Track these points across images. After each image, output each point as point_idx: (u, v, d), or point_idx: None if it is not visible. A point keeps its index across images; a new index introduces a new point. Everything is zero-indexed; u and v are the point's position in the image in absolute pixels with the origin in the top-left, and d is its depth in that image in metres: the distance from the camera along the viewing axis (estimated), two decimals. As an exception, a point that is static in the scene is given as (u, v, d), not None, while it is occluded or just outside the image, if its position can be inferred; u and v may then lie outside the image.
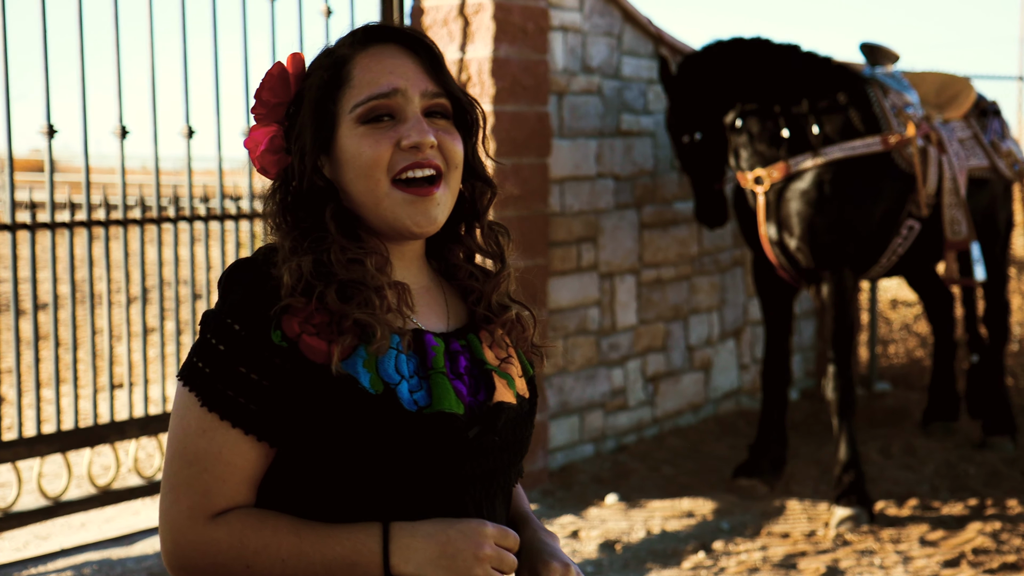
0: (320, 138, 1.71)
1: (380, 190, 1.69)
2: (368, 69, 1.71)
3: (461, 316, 1.81)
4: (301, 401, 1.62)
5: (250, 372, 1.62)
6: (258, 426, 1.63)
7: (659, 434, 7.09)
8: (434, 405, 1.65)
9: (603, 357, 6.63)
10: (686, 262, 7.16)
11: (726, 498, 6.05)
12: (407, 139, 1.68)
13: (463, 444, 1.67)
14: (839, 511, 5.62)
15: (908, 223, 5.82)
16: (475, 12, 5.83)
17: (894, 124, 5.79)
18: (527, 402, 1.81)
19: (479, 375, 1.74)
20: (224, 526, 1.63)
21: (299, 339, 1.63)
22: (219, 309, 1.67)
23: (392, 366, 1.65)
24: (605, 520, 5.75)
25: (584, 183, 6.42)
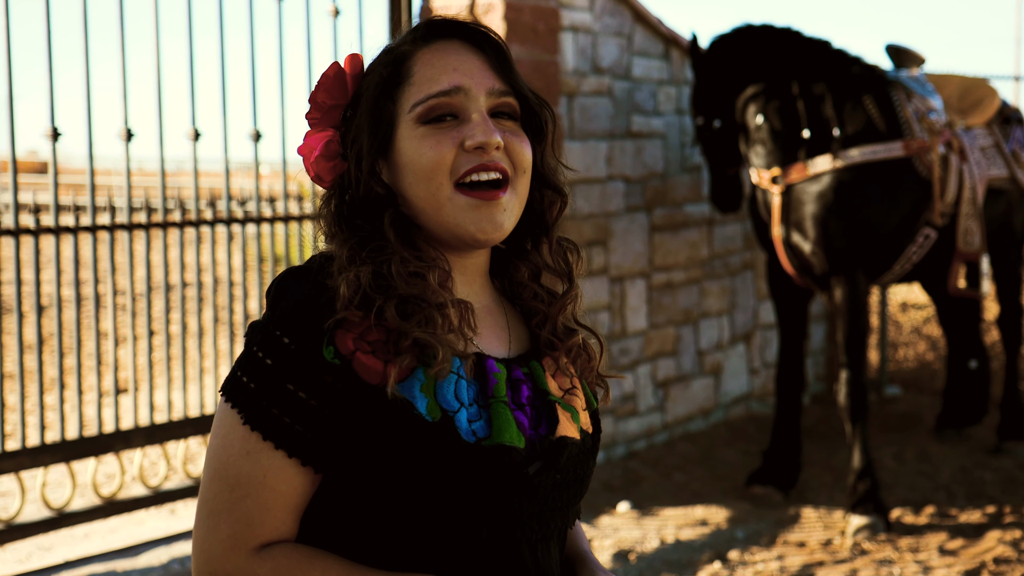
0: (378, 140, 1.59)
1: (442, 194, 1.56)
2: (430, 66, 1.59)
3: (523, 341, 1.68)
4: (351, 425, 1.49)
5: (298, 390, 1.49)
6: (305, 449, 1.50)
7: (670, 440, 7.00)
8: (494, 437, 1.53)
9: (613, 362, 6.54)
10: (696, 265, 7.07)
11: (740, 506, 5.96)
12: (471, 139, 1.56)
13: (522, 481, 1.54)
14: (855, 520, 5.53)
15: (925, 231, 5.72)
16: (485, 12, 5.73)
17: (916, 129, 5.69)
18: (590, 437, 1.67)
19: (541, 406, 1.61)
20: (268, 561, 1.50)
21: (353, 357, 1.50)
22: (268, 320, 1.54)
23: (452, 392, 1.52)
24: (618, 529, 5.66)
25: (595, 185, 6.32)
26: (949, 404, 7.08)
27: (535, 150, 1.64)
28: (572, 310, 1.70)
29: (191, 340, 8.34)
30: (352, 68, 1.64)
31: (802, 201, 5.62)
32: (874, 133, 5.64)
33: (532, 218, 1.68)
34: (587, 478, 1.66)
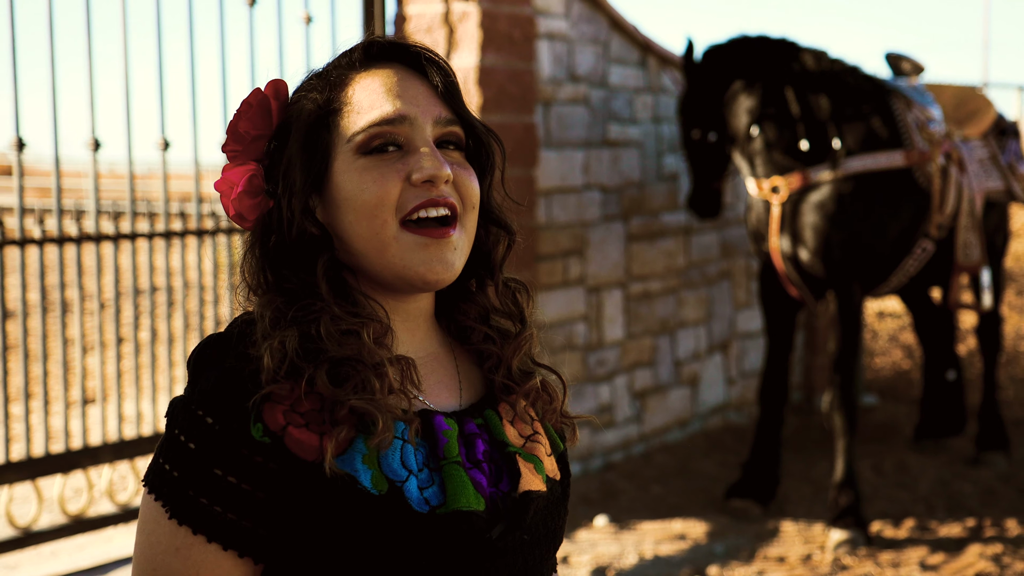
0: (312, 174, 1.43)
1: (387, 233, 1.41)
2: (370, 91, 1.44)
3: (476, 387, 1.53)
4: (290, 507, 1.36)
5: (227, 475, 1.34)
6: (240, 540, 1.35)
7: (646, 451, 6.92)
8: (449, 503, 1.39)
9: (590, 373, 6.46)
10: (673, 275, 7.00)
11: (719, 519, 5.88)
12: (420, 172, 1.41)
13: (485, 547, 1.40)
14: (835, 534, 5.47)
15: (922, 243, 5.66)
16: (460, 20, 5.64)
17: (916, 140, 5.63)
18: (559, 485, 1.54)
19: (501, 459, 1.47)
20: None
21: (285, 433, 1.36)
22: (188, 398, 1.39)
23: (398, 460, 1.38)
24: (595, 544, 5.58)
25: (571, 195, 6.24)
26: (927, 414, 7.04)
27: (482, 183, 1.52)
28: (527, 351, 1.55)
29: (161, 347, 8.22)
30: (277, 96, 1.48)
31: (801, 211, 5.54)
32: (874, 143, 5.58)
33: (477, 257, 1.55)
34: (560, 529, 1.53)
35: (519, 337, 1.54)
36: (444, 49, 5.68)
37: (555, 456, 1.55)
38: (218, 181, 1.48)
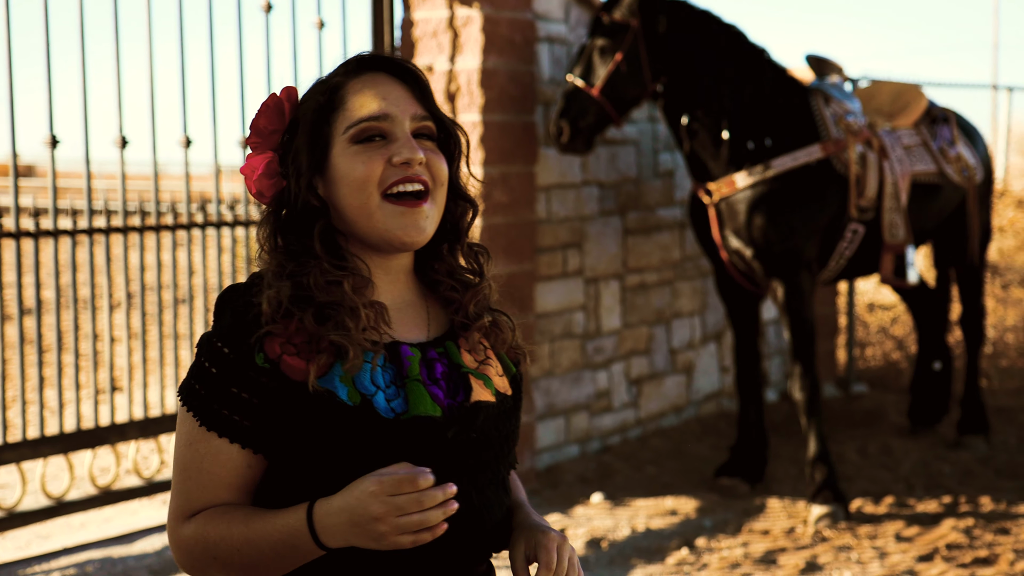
0: (315, 158, 1.84)
1: (372, 203, 1.81)
2: (361, 94, 1.84)
3: (443, 326, 1.92)
4: (287, 415, 1.76)
5: (240, 391, 1.77)
6: (248, 438, 1.78)
7: (643, 435, 7.26)
8: (410, 411, 1.78)
9: (588, 360, 6.80)
10: (669, 267, 7.34)
11: (708, 497, 6.22)
12: (398, 156, 1.81)
13: (443, 444, 1.79)
14: (816, 509, 5.81)
15: (852, 227, 6.03)
16: (464, 24, 6.00)
17: (833, 131, 6.00)
18: (509, 399, 1.92)
19: (457, 378, 1.86)
20: (191, 523, 1.79)
21: (280, 360, 1.76)
22: (211, 333, 1.82)
23: (368, 379, 1.77)
24: (591, 518, 5.92)
25: (570, 190, 6.59)
26: (917, 401, 7.37)
27: (450, 166, 1.91)
28: (484, 299, 1.94)
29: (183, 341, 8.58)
30: (288, 98, 1.89)
31: (736, 211, 5.89)
32: (794, 140, 5.93)
33: (448, 226, 1.94)
34: (512, 433, 1.91)
35: (478, 286, 1.94)
36: (448, 52, 6.04)
37: (507, 377, 1.94)
38: (243, 166, 1.89)
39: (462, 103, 6.02)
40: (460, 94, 6.02)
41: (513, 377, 1.96)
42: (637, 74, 5.84)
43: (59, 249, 5.17)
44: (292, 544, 1.72)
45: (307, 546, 1.72)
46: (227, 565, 1.76)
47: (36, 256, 4.99)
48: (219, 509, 1.79)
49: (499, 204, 6.07)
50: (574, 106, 5.83)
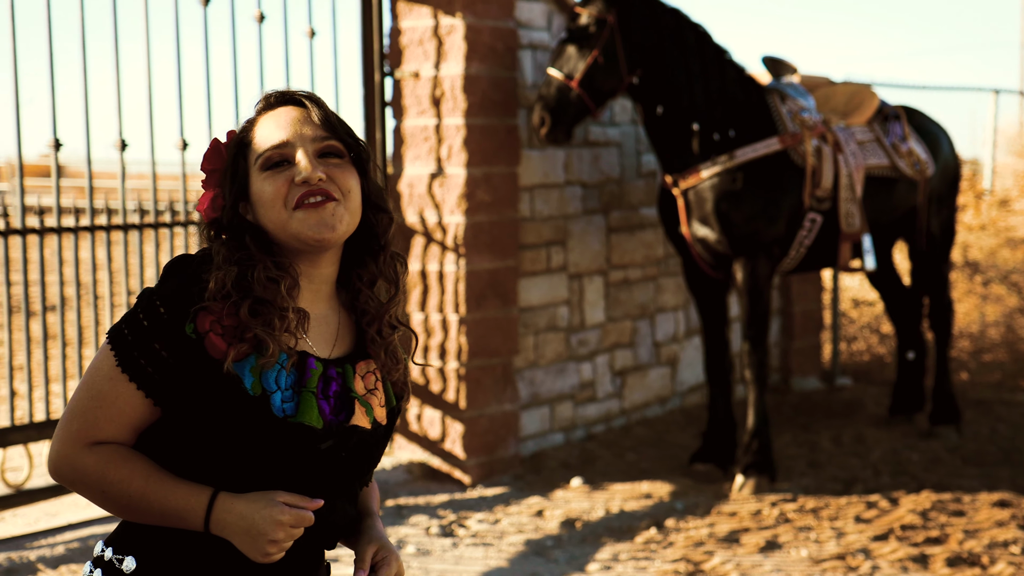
0: (236, 186, 2.11)
1: (284, 216, 2.06)
2: (266, 127, 2.11)
3: (348, 345, 2.16)
4: (194, 381, 2.01)
5: (161, 350, 2.01)
6: (151, 387, 2.02)
7: (627, 424, 7.58)
8: (298, 417, 2.04)
9: (572, 352, 7.13)
10: (652, 264, 7.65)
11: (683, 482, 6.53)
12: (298, 176, 2.06)
13: (315, 453, 2.06)
14: (739, 479, 6.32)
15: (810, 216, 6.44)
16: (448, 33, 6.33)
17: (789, 126, 6.43)
18: (383, 428, 2.17)
19: (345, 400, 2.11)
20: (95, 454, 2.04)
21: (206, 335, 2.01)
22: (153, 291, 2.05)
23: (273, 378, 2.02)
24: (569, 501, 6.24)
25: (553, 190, 6.92)
26: (897, 393, 7.67)
27: (363, 179, 2.16)
28: (395, 311, 2.21)
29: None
30: (226, 141, 2.17)
31: (703, 198, 6.34)
32: (754, 133, 6.38)
33: (369, 236, 2.17)
34: (375, 458, 2.20)
35: (392, 299, 2.21)
36: (434, 59, 6.38)
37: (387, 409, 2.21)
38: (198, 204, 2.18)
39: (446, 107, 6.36)
40: (444, 99, 6.36)
41: (392, 409, 2.20)
42: (614, 67, 6.20)
43: (62, 246, 5.53)
44: (180, 516, 2.02)
45: (194, 523, 2.02)
46: (109, 500, 2.05)
47: (41, 252, 5.35)
48: (122, 452, 2.04)
49: (482, 203, 6.41)
50: (554, 98, 6.17)
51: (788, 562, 5.40)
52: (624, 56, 6.18)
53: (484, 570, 5.32)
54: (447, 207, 6.41)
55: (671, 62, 6.26)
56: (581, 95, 6.17)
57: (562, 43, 6.27)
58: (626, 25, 6.19)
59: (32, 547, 5.27)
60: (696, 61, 6.31)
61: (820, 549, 5.54)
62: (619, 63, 6.19)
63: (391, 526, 5.81)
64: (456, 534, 5.77)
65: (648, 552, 5.55)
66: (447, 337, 6.46)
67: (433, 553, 5.50)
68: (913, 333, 7.64)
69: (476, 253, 6.42)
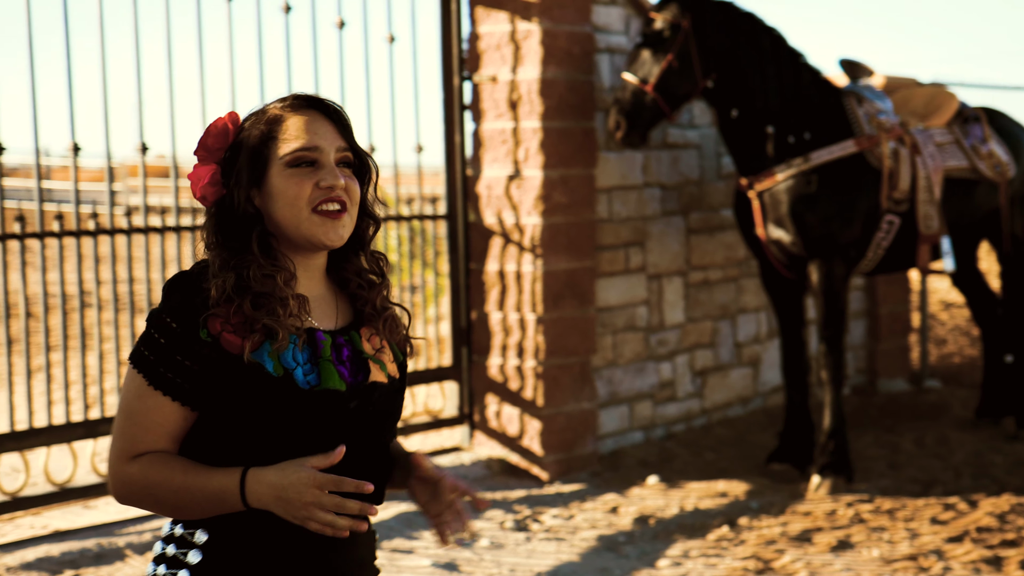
0: (255, 175, 2.26)
1: (302, 216, 2.23)
2: (297, 127, 2.26)
3: (348, 317, 2.34)
4: (222, 380, 2.17)
5: (184, 359, 2.17)
6: (186, 397, 2.19)
7: (707, 424, 7.63)
8: (322, 384, 2.20)
9: (651, 352, 7.19)
10: (733, 265, 7.69)
11: (760, 481, 6.57)
12: (324, 181, 2.23)
13: (346, 413, 2.23)
14: (816, 478, 6.31)
15: (888, 218, 6.44)
16: (524, 38, 6.45)
17: (866, 128, 6.45)
18: (397, 381, 2.34)
19: (359, 362, 2.28)
20: (136, 464, 2.20)
21: (220, 335, 2.17)
22: (161, 310, 2.21)
23: (290, 356, 2.19)
24: (644, 498, 6.32)
25: (631, 192, 7.00)
26: (985, 395, 7.60)
27: (362, 188, 2.34)
28: (384, 295, 2.38)
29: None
30: (233, 122, 2.32)
31: (778, 200, 6.37)
32: (830, 135, 6.41)
33: (356, 236, 2.35)
34: (397, 408, 2.36)
35: (380, 284, 2.38)
36: (511, 63, 6.50)
37: (397, 363, 2.37)
38: (190, 173, 2.32)
39: (523, 111, 6.48)
40: (521, 102, 6.48)
41: (401, 363, 2.37)
42: (688, 71, 6.27)
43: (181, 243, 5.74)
44: (221, 498, 2.16)
45: (233, 502, 2.16)
46: (159, 502, 2.21)
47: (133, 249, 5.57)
48: (161, 456, 2.19)
49: (559, 204, 6.51)
50: (629, 102, 6.27)
51: (859, 562, 5.42)
52: (699, 60, 6.25)
53: (555, 564, 5.42)
54: (524, 208, 6.53)
55: (746, 66, 6.33)
56: (656, 99, 6.25)
57: (637, 48, 6.35)
58: (701, 29, 6.26)
59: (121, 534, 5.48)
60: (771, 64, 6.36)
61: (892, 549, 5.54)
62: (694, 67, 6.26)
63: (466, 520, 5.92)
64: (530, 528, 5.88)
65: (719, 549, 5.60)
66: (524, 336, 6.57)
67: (506, 547, 5.61)
68: (1005, 336, 7.56)
69: (553, 254, 6.52)
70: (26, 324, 5.69)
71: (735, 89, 6.36)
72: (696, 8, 6.25)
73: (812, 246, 6.34)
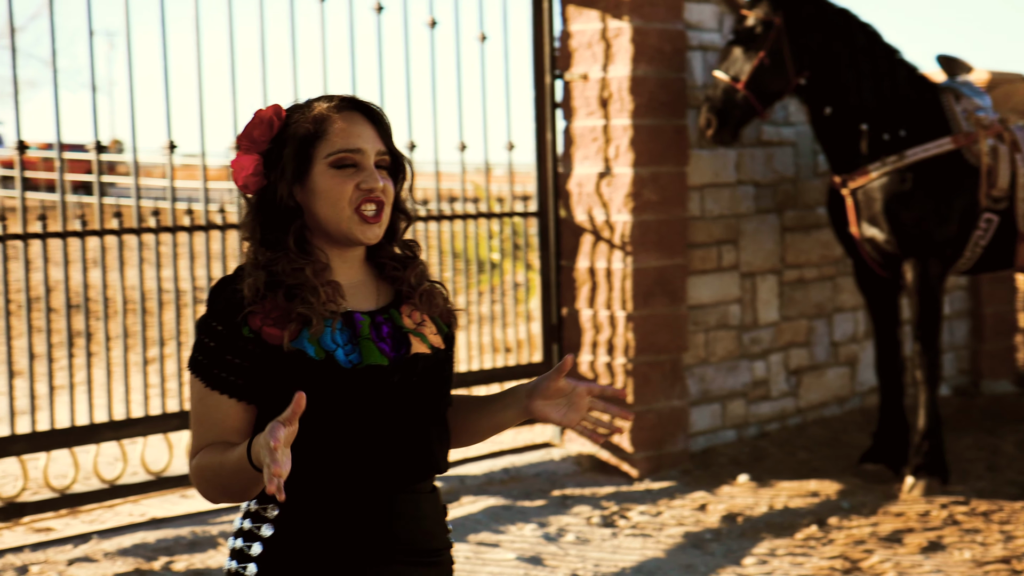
0: (299, 171, 2.36)
1: (344, 215, 2.35)
2: (343, 129, 2.36)
3: (388, 298, 2.44)
4: (269, 372, 2.29)
5: (233, 358, 2.30)
6: (241, 392, 2.31)
7: (802, 423, 7.57)
8: (364, 361, 2.31)
9: (744, 350, 7.16)
10: (829, 263, 7.62)
11: (852, 481, 6.50)
12: (366, 184, 2.35)
13: (390, 387, 2.33)
14: (910, 479, 6.23)
15: (986, 216, 6.31)
16: (615, 36, 6.47)
17: (963, 125, 6.34)
18: (442, 351, 2.44)
19: (400, 337, 2.39)
20: (197, 456, 2.34)
21: (261, 330, 2.29)
22: (206, 315, 2.34)
23: (329, 339, 2.31)
24: (733, 496, 6.30)
25: (724, 189, 6.98)
26: None
27: (396, 187, 2.45)
28: (420, 272, 2.47)
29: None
30: (276, 114, 2.41)
31: (872, 199, 6.29)
32: (926, 132, 6.32)
33: (389, 230, 2.46)
34: (446, 378, 2.45)
35: (415, 262, 2.48)
36: (601, 61, 6.52)
37: (440, 335, 2.47)
38: (233, 161, 2.43)
39: (614, 108, 6.50)
40: (612, 100, 6.50)
41: (445, 335, 2.47)
42: (780, 68, 6.24)
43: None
44: (241, 466, 2.25)
45: (250, 470, 2.24)
46: (212, 485, 2.33)
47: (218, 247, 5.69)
48: (212, 445, 2.32)
49: (649, 202, 6.52)
50: (720, 100, 6.26)
51: (949, 563, 5.35)
52: (791, 57, 6.22)
53: (640, 560, 5.44)
54: (614, 206, 6.55)
55: (840, 62, 6.27)
56: (747, 97, 6.23)
57: (729, 45, 6.34)
58: (793, 26, 6.22)
59: (214, 523, 5.62)
60: (866, 61, 6.30)
61: (985, 552, 5.46)
62: (786, 64, 6.23)
63: (554, 515, 5.97)
64: (617, 524, 5.90)
65: (806, 548, 5.57)
66: (615, 333, 6.59)
67: (592, 542, 5.64)
68: None
69: (643, 251, 6.53)
70: (123, 318, 5.86)
71: (829, 86, 6.32)
72: (789, 5, 6.22)
73: (907, 244, 6.27)
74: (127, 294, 9.95)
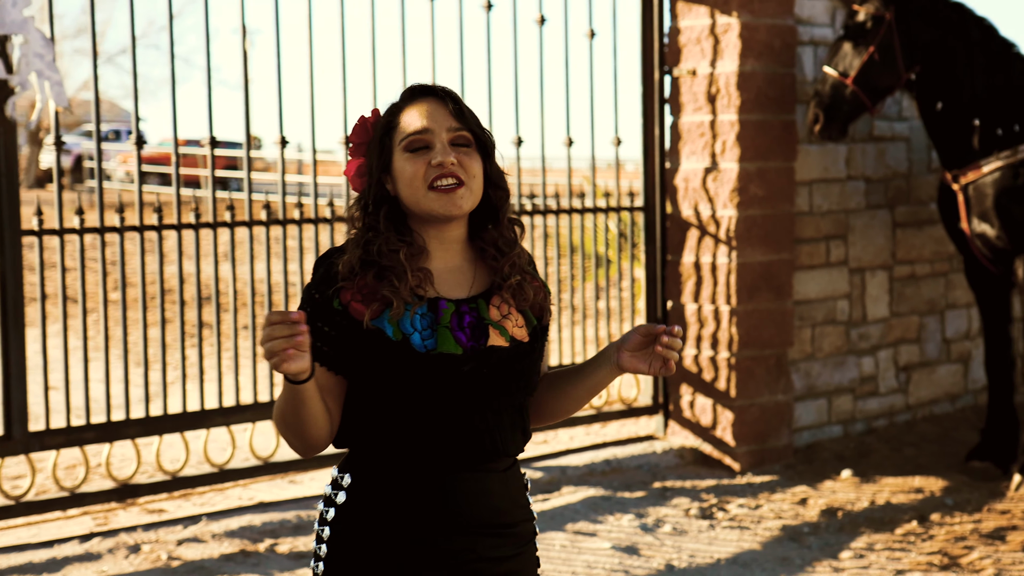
0: (381, 161, 2.52)
1: (420, 193, 2.47)
2: (411, 115, 2.51)
3: (484, 285, 2.54)
4: (353, 345, 2.42)
5: (323, 326, 2.42)
6: (329, 361, 2.44)
7: (911, 420, 7.53)
8: (438, 348, 2.42)
9: (852, 346, 7.15)
10: (942, 259, 7.56)
11: (958, 478, 6.47)
12: (434, 160, 2.46)
13: (460, 376, 2.43)
14: (1018, 477, 6.18)
15: None
16: (723, 32, 6.51)
17: None
18: (525, 345, 2.51)
19: (481, 328, 2.48)
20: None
21: (348, 305, 2.42)
22: (311, 284, 2.48)
23: (408, 322, 2.43)
24: (835, 491, 6.31)
25: (833, 184, 6.97)
26: None
27: (486, 164, 2.54)
28: (518, 260, 2.56)
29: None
30: (372, 118, 2.58)
31: (984, 194, 6.25)
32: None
33: (491, 209, 2.56)
34: (524, 371, 2.51)
35: (511, 254, 2.57)
36: (710, 57, 6.57)
37: (529, 328, 2.56)
38: (345, 168, 2.61)
39: (721, 104, 6.55)
40: (719, 96, 6.54)
41: (535, 328, 2.56)
42: (891, 64, 6.23)
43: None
44: (286, 388, 2.36)
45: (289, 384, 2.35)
46: (280, 425, 2.44)
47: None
48: None
49: (755, 197, 6.55)
50: (829, 96, 6.27)
51: (1051, 562, 5.32)
52: (901, 52, 6.20)
53: (735, 552, 5.50)
54: (720, 201, 6.60)
55: (953, 57, 6.24)
56: (856, 92, 6.23)
57: (839, 40, 6.34)
58: (904, 21, 6.21)
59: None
60: (980, 55, 6.25)
61: (1089, 552, 5.41)
62: (896, 59, 6.21)
63: (652, 506, 6.05)
64: (715, 516, 5.96)
65: (905, 544, 5.57)
66: (719, 327, 6.64)
67: (688, 533, 5.71)
68: None
69: (748, 246, 6.57)
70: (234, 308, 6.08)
71: (941, 81, 6.29)
72: (900, 0, 6.21)
73: (1018, 240, 6.21)
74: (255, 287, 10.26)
